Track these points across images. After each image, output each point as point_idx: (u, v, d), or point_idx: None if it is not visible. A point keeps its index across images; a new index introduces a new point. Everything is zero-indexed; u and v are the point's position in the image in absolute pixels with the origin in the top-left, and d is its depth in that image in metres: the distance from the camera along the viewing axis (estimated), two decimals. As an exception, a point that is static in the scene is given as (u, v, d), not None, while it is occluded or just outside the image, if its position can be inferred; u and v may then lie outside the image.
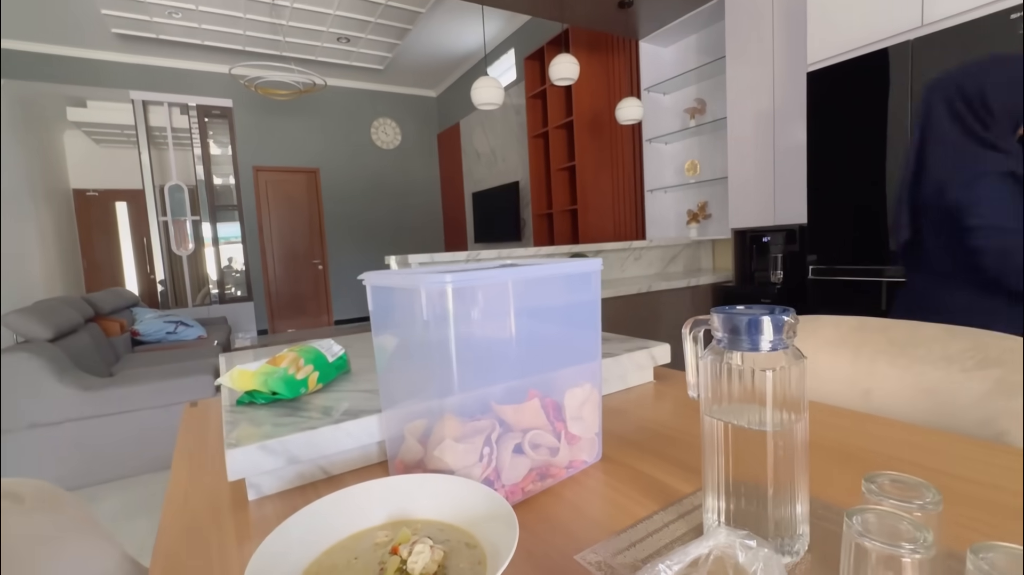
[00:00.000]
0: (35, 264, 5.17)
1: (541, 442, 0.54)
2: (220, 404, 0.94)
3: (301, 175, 6.52)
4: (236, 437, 0.57)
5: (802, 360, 0.40)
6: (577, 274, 0.57)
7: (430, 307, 0.47)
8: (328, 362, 0.76)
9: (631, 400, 0.82)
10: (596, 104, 3.97)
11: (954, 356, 0.70)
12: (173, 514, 0.54)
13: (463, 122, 6.49)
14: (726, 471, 0.42)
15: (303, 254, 6.63)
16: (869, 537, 0.32)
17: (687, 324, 0.47)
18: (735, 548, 0.30)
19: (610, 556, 0.43)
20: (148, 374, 2.41)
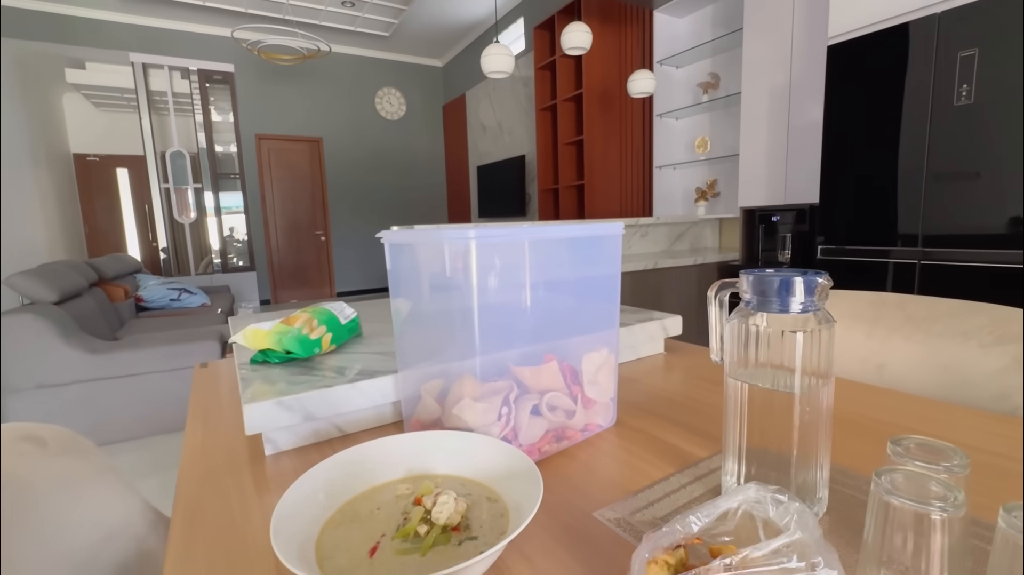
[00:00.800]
0: (37, 228, 5.15)
1: (558, 404, 0.54)
2: (229, 366, 0.94)
3: (304, 144, 6.43)
4: (252, 393, 0.57)
5: (832, 324, 0.40)
6: (599, 237, 0.56)
7: (453, 264, 0.46)
8: (341, 324, 0.76)
9: (642, 370, 0.82)
10: (607, 76, 3.88)
11: (972, 331, 0.69)
12: (191, 466, 0.55)
13: (469, 93, 6.37)
14: (748, 434, 0.42)
15: (305, 225, 6.59)
16: (898, 494, 0.31)
17: (713, 287, 0.46)
18: (766, 503, 0.30)
19: (628, 514, 0.43)
20: (153, 339, 2.42)
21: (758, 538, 0.30)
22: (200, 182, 5.57)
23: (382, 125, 6.82)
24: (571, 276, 0.56)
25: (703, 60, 3.35)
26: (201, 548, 0.41)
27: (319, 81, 6.36)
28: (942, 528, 0.30)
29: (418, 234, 0.50)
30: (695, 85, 3.36)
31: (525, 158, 5.26)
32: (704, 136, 3.37)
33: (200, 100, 5.47)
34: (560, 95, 4.15)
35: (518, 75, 5.26)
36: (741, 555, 0.26)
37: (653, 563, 0.28)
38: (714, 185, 3.35)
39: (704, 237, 3.31)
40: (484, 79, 6.01)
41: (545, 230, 0.51)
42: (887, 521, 0.32)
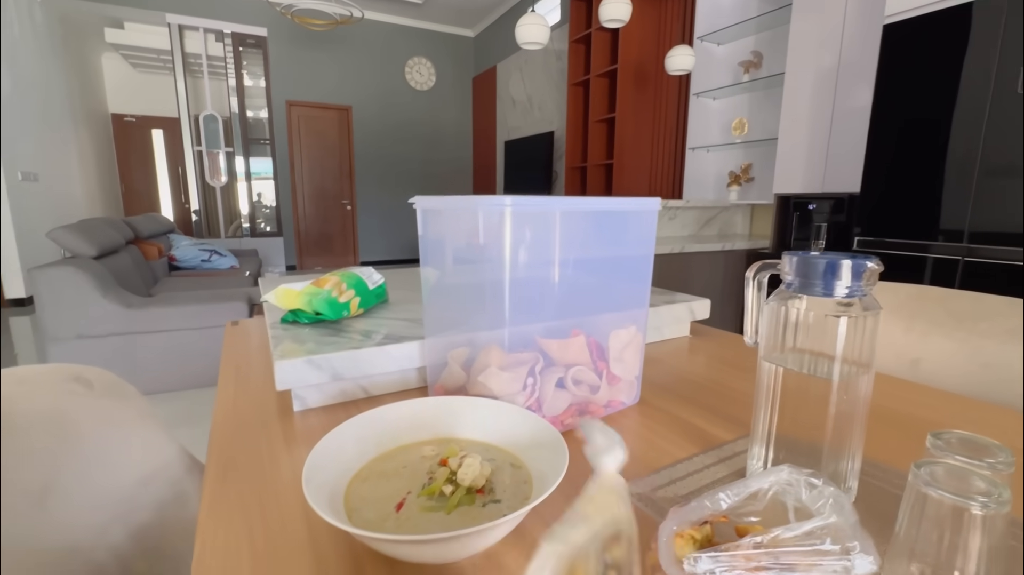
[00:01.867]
0: (76, 185, 5.32)
1: (583, 379, 0.54)
2: (258, 325, 0.97)
3: (333, 112, 6.44)
4: (282, 351, 0.59)
5: (877, 312, 0.38)
6: (634, 212, 0.55)
7: (486, 232, 0.45)
8: (369, 289, 0.76)
9: (667, 351, 0.81)
10: (644, 51, 3.75)
11: (1019, 331, 0.66)
12: (224, 418, 0.56)
13: (500, 66, 6.25)
14: (779, 419, 0.41)
15: (332, 193, 6.65)
16: (937, 487, 0.31)
17: (752, 268, 0.45)
18: (799, 486, 0.29)
19: (650, 490, 0.43)
20: (185, 297, 2.50)
21: (787, 521, 0.30)
22: (231, 146, 5.65)
23: (411, 95, 6.77)
24: (603, 252, 0.55)
25: (746, 37, 3.20)
26: (234, 494, 0.42)
27: (350, 48, 6.32)
28: (982, 525, 0.29)
29: (453, 201, 0.49)
30: (736, 64, 3.22)
31: (554, 134, 5.17)
32: (742, 118, 3.25)
33: (233, 64, 5.50)
34: (594, 70, 4.04)
35: (551, 48, 5.13)
36: (772, 535, 0.26)
37: (679, 536, 0.28)
38: (748, 170, 3.24)
39: (734, 223, 3.23)
40: (516, 52, 5.88)
41: (580, 202, 0.50)
42: (923, 514, 0.32)
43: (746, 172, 3.24)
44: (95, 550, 0.35)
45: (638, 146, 3.90)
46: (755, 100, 3.20)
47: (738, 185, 3.23)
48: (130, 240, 3.25)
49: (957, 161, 1.78)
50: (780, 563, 0.24)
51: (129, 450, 0.42)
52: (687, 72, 3.06)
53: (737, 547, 0.25)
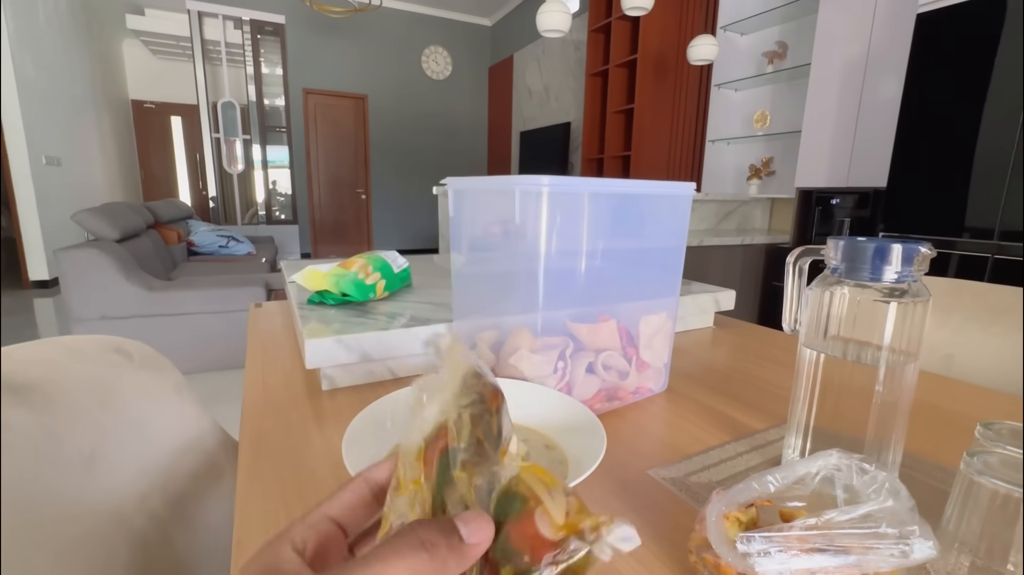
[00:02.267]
0: (97, 169, 5.40)
1: (613, 364, 0.54)
2: (281, 307, 0.98)
3: (349, 101, 6.44)
4: (311, 330, 0.59)
5: (927, 299, 0.37)
6: (669, 196, 0.54)
7: (522, 212, 0.45)
8: (394, 272, 0.77)
9: (692, 341, 0.80)
10: (664, 41, 3.69)
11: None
12: (254, 396, 0.57)
13: (517, 55, 6.20)
14: (818, 408, 0.41)
15: (347, 182, 6.68)
16: (991, 475, 0.30)
17: (793, 253, 0.44)
18: (850, 471, 0.29)
19: (683, 475, 0.43)
20: (205, 282, 2.53)
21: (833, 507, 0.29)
22: (248, 134, 5.69)
23: (427, 84, 6.75)
24: (636, 236, 0.55)
25: (771, 27, 3.13)
26: (269, 468, 0.43)
27: (367, 37, 6.31)
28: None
29: (488, 181, 0.49)
30: (760, 54, 3.16)
31: (571, 125, 5.13)
32: (764, 110, 3.19)
33: (251, 51, 5.52)
34: (613, 60, 3.98)
35: (569, 38, 5.07)
36: (825, 518, 0.25)
37: (725, 518, 0.28)
38: (769, 163, 3.18)
39: (753, 217, 3.18)
40: (533, 41, 5.83)
41: (616, 184, 0.49)
42: (974, 503, 0.31)
43: (767, 166, 3.18)
44: (136, 517, 0.36)
45: (656, 138, 3.85)
46: (778, 92, 3.14)
47: (758, 179, 3.18)
48: (150, 225, 3.30)
49: (989, 156, 1.73)
50: (835, 545, 0.24)
51: (166, 421, 0.43)
52: (709, 62, 3.01)
53: (790, 528, 0.25)
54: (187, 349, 2.46)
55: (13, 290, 4.29)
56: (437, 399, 0.21)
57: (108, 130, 5.74)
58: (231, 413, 0.60)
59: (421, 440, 0.21)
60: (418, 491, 0.20)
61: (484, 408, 0.21)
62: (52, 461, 0.30)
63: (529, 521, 0.18)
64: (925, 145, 1.91)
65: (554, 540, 0.17)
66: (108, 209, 2.63)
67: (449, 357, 0.22)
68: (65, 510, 0.29)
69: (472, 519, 0.17)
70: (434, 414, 0.21)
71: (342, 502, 0.20)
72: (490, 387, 0.21)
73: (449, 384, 0.21)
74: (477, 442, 0.20)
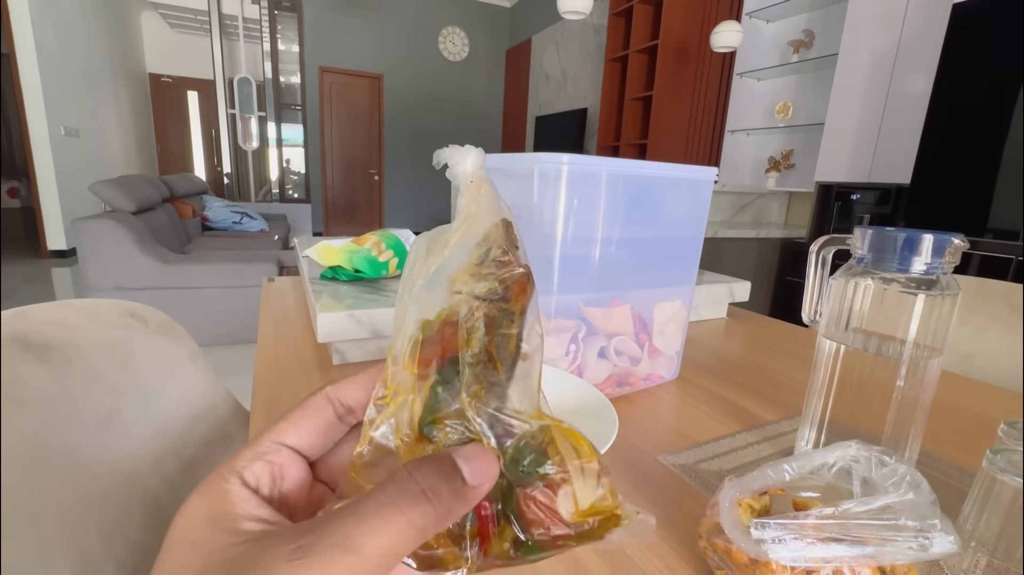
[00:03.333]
0: (114, 142, 5.45)
1: (625, 349, 0.53)
2: (294, 283, 0.98)
3: (365, 80, 6.40)
4: (323, 304, 0.59)
5: (956, 293, 0.36)
6: (689, 181, 0.53)
7: (541, 191, 0.44)
8: (406, 250, 0.76)
9: (705, 331, 0.80)
10: (687, 27, 3.60)
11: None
12: (266, 368, 0.57)
13: (535, 38, 6.10)
14: (835, 400, 0.40)
15: (361, 162, 6.67)
16: (1014, 474, 0.29)
17: (817, 242, 0.43)
18: (869, 462, 0.28)
19: (692, 462, 0.43)
20: (218, 256, 2.56)
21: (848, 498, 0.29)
22: (264, 111, 5.69)
23: (443, 66, 6.68)
24: (653, 223, 0.54)
25: (799, 15, 3.04)
26: (280, 436, 0.43)
27: (385, 15, 6.24)
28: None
29: (506, 158, 0.48)
30: (785, 43, 3.07)
31: (587, 111, 5.06)
32: (787, 101, 3.11)
33: (268, 27, 5.49)
34: (633, 45, 3.90)
35: (589, 22, 4.97)
36: (843, 508, 0.25)
37: (738, 504, 0.27)
38: (789, 156, 3.12)
39: (770, 211, 3.13)
40: (552, 24, 5.73)
41: (635, 165, 0.48)
42: (995, 501, 0.30)
43: (787, 158, 3.12)
44: (150, 479, 0.36)
45: (674, 126, 3.78)
46: (802, 82, 3.06)
47: (777, 171, 3.12)
48: (166, 198, 3.33)
49: (1017, 156, 1.68)
50: (851, 536, 0.24)
51: (180, 387, 0.44)
52: (733, 50, 2.93)
53: (807, 516, 0.24)
54: (200, 322, 2.49)
55: (32, 259, 4.37)
56: (447, 265, 0.16)
57: (125, 103, 5.76)
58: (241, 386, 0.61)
59: (417, 329, 0.16)
60: (403, 406, 0.16)
61: (504, 310, 0.16)
62: (69, 419, 0.30)
63: (550, 494, 0.15)
64: (953, 142, 1.86)
65: (570, 522, 0.15)
66: (125, 181, 2.65)
67: (471, 191, 0.17)
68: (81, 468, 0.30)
69: (475, 456, 0.15)
70: (441, 292, 0.16)
71: (298, 427, 0.16)
72: (518, 274, 0.16)
73: (467, 239, 0.16)
74: (487, 358, 0.16)
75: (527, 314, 0.17)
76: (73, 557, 0.27)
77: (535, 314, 0.17)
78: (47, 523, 0.27)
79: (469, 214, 0.17)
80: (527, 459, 0.15)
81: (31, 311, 0.34)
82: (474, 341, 0.16)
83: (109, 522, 0.30)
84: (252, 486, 0.14)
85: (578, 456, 0.16)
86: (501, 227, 0.17)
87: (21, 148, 4.25)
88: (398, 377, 0.16)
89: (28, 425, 0.27)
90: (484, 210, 0.17)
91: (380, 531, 0.12)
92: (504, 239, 0.17)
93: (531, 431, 0.16)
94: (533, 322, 0.17)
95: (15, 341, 0.30)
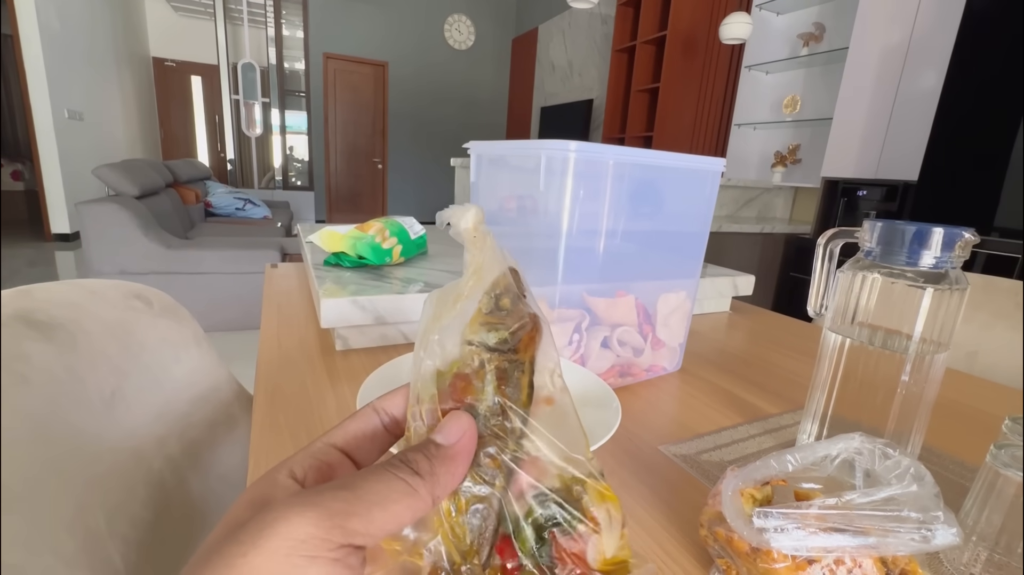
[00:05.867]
0: (118, 126, 5.43)
1: (628, 340, 0.53)
2: (297, 269, 0.98)
3: (369, 68, 6.36)
4: (327, 290, 0.59)
5: (965, 288, 0.36)
6: (697, 171, 0.53)
7: (547, 180, 0.44)
8: (410, 238, 0.76)
9: (708, 325, 0.79)
10: (696, 18, 3.56)
11: (1095, 330, 0.62)
12: (269, 354, 0.58)
13: (542, 27, 6.04)
14: (838, 394, 0.40)
15: (364, 151, 6.64)
16: (1018, 469, 0.29)
17: (825, 235, 0.43)
18: (872, 455, 0.28)
19: (694, 453, 0.43)
20: (221, 242, 2.56)
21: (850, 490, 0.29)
22: (268, 97, 5.66)
23: (449, 54, 6.63)
24: (659, 214, 0.53)
25: (809, 7, 3.00)
26: (283, 420, 0.43)
27: (390, 1, 6.18)
28: (1066, 511, 0.28)
29: (512, 145, 0.48)
30: (795, 36, 3.04)
31: (593, 103, 5.02)
32: (795, 95, 3.09)
33: (273, 12, 5.45)
34: (641, 36, 3.86)
35: (597, 11, 4.92)
36: (846, 498, 0.25)
37: (740, 494, 0.27)
38: (796, 151, 3.10)
39: (774, 206, 3.11)
40: (559, 13, 5.67)
41: (642, 154, 0.48)
42: (997, 496, 0.30)
43: (793, 153, 3.10)
44: (155, 458, 0.37)
45: (680, 119, 3.75)
46: (811, 76, 3.03)
47: (783, 166, 3.10)
48: (169, 183, 3.32)
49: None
50: (854, 526, 0.24)
51: (184, 369, 0.44)
52: (742, 42, 2.90)
53: (809, 506, 0.24)
54: (202, 308, 2.49)
55: (36, 242, 4.38)
56: (459, 318, 0.17)
57: (129, 86, 5.74)
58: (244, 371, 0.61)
59: (433, 386, 0.17)
60: None
61: (514, 361, 0.17)
62: (74, 398, 0.30)
63: (579, 542, 0.17)
64: (962, 141, 1.84)
65: (593, 569, 0.17)
66: (128, 165, 2.64)
67: (475, 246, 0.18)
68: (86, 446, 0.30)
69: (445, 423, 0.16)
70: (455, 344, 0.17)
71: (347, 431, 0.18)
72: (526, 323, 0.17)
73: (476, 291, 0.17)
74: (500, 410, 0.17)
75: (538, 359, 0.18)
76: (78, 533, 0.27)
77: (552, 357, 0.18)
78: (51, 499, 0.27)
79: (477, 266, 0.18)
80: (566, 504, 0.17)
81: (35, 290, 0.34)
82: (486, 394, 0.17)
83: (113, 500, 0.30)
84: (299, 479, 0.16)
85: (608, 513, 0.17)
86: (509, 275, 0.18)
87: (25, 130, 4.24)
88: (419, 432, 0.17)
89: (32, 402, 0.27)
90: (490, 260, 0.18)
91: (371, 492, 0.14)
92: (513, 286, 0.18)
93: (565, 480, 0.17)
94: (551, 366, 0.18)
95: (19, 319, 0.30)
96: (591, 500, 0.17)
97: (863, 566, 0.24)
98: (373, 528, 0.13)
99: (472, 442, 0.16)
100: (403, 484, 0.14)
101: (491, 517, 0.16)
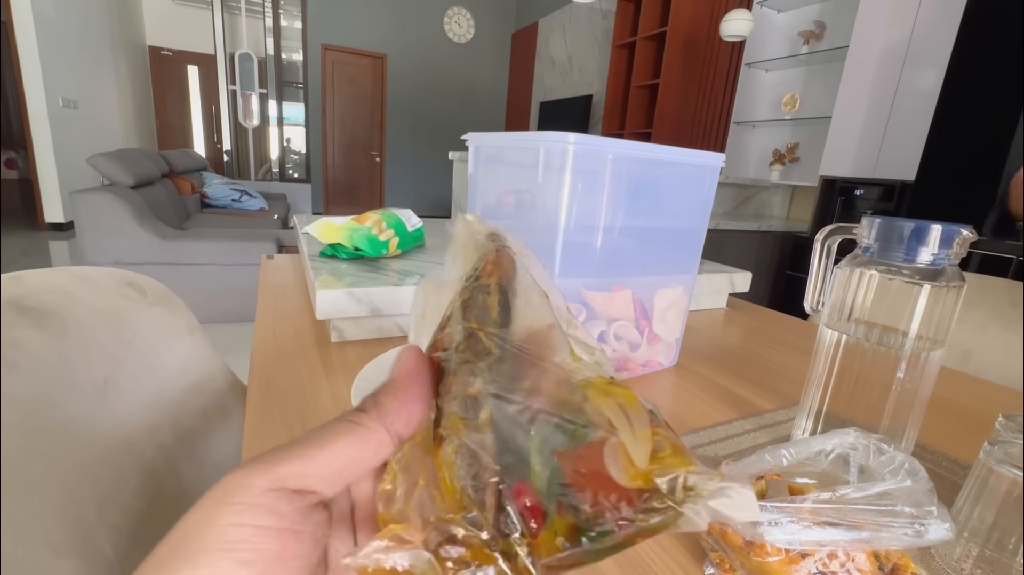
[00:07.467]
0: (114, 115, 5.38)
1: (624, 334, 0.53)
2: (293, 261, 0.97)
3: (368, 60, 6.32)
4: (323, 281, 0.59)
5: (962, 286, 0.36)
6: (696, 166, 0.52)
7: (546, 169, 0.44)
8: (407, 231, 0.76)
9: (704, 321, 0.79)
10: (697, 14, 3.55)
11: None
12: (264, 344, 0.57)
13: (542, 22, 6.01)
14: (833, 390, 0.40)
15: (362, 144, 6.61)
16: (1011, 465, 0.29)
17: (822, 231, 0.43)
18: (867, 450, 0.28)
19: (689, 448, 0.43)
20: (217, 234, 2.54)
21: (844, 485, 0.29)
22: (265, 88, 5.62)
23: (448, 48, 6.59)
24: (657, 209, 0.53)
25: (810, 5, 2.99)
26: (277, 411, 0.43)
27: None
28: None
29: (511, 137, 0.47)
30: (796, 34, 3.03)
31: (592, 98, 5.01)
32: (794, 93, 3.08)
33: (271, 2, 5.40)
34: (641, 31, 3.85)
35: (597, 6, 4.90)
36: (839, 493, 0.25)
37: (735, 488, 0.27)
38: (794, 149, 3.10)
39: (772, 204, 3.12)
40: (559, 7, 5.64)
41: (641, 147, 0.48)
42: (990, 493, 0.30)
43: (791, 151, 3.10)
44: (147, 447, 0.36)
45: (680, 116, 3.75)
46: (811, 74, 3.02)
47: (781, 165, 3.10)
48: (165, 174, 3.30)
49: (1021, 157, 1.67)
50: (847, 521, 0.24)
51: (178, 358, 0.43)
52: (742, 39, 2.89)
53: (804, 500, 0.24)
54: (198, 299, 2.48)
55: (30, 231, 4.35)
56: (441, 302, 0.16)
57: (125, 75, 5.68)
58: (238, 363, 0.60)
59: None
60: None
61: (478, 287, 0.16)
62: (66, 385, 0.30)
63: (595, 455, 0.12)
64: (960, 141, 1.84)
65: (629, 488, 0.12)
66: (123, 155, 2.62)
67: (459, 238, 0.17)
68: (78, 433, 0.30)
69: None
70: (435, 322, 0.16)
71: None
72: (489, 253, 0.16)
73: (456, 277, 0.16)
74: (468, 335, 0.15)
75: (515, 283, 0.16)
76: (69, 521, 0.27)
77: (528, 283, 0.17)
78: (42, 486, 0.27)
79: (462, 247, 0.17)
80: (562, 426, 0.13)
81: (26, 276, 0.33)
82: (456, 330, 0.15)
83: (105, 488, 0.30)
84: None
85: (622, 407, 0.13)
86: (492, 247, 0.17)
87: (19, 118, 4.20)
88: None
89: (22, 388, 0.27)
90: (471, 238, 0.17)
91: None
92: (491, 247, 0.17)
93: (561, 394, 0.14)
94: (526, 290, 0.17)
95: (10, 305, 0.30)
96: (595, 404, 0.13)
97: (856, 560, 0.25)
98: (312, 468, 0.12)
99: (414, 363, 0.15)
100: (345, 423, 0.14)
101: (481, 456, 0.13)
